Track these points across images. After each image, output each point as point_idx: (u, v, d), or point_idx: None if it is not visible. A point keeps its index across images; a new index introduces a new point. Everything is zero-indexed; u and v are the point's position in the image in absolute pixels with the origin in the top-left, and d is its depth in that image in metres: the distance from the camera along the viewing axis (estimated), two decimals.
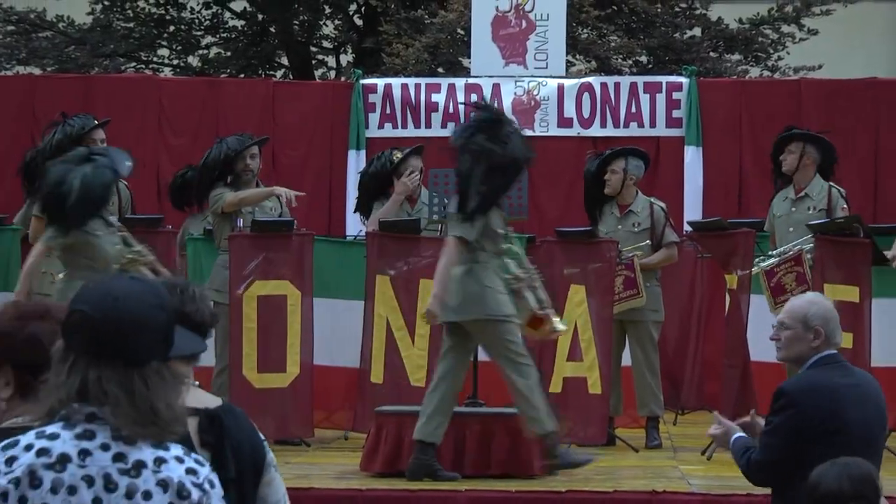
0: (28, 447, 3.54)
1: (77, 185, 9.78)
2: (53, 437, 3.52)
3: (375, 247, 11.59)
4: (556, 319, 10.14)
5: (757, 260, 11.40)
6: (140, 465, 3.55)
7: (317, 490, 9.46)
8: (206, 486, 3.62)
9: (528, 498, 9.35)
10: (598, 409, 11.20)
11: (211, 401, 4.46)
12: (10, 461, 3.53)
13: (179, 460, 3.61)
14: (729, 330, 11.61)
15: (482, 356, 10.79)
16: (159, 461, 3.57)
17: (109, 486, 3.54)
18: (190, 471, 3.61)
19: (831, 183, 11.65)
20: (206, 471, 3.64)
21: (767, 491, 8.65)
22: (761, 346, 11.19)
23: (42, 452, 3.51)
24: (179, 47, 20.28)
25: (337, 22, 20.25)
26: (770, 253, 11.50)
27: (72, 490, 3.53)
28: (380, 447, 9.94)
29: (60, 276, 10.11)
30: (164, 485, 3.56)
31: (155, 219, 11.90)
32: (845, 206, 11.60)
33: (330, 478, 9.88)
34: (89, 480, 3.52)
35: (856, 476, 5.72)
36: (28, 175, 12.44)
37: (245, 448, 4.45)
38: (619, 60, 18.47)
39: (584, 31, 18.13)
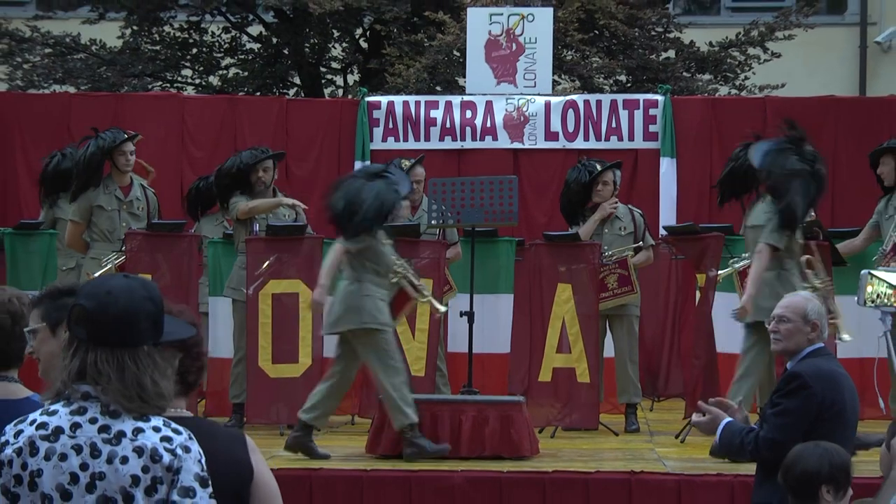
0: (32, 422, 3.86)
1: (371, 198, 9.79)
2: (52, 413, 3.85)
3: None
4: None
5: (731, 261, 11.42)
6: (120, 435, 3.82)
7: (326, 470, 9.46)
8: (179, 451, 3.86)
9: (518, 478, 9.34)
10: (588, 396, 11.19)
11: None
12: (18, 434, 3.87)
13: (156, 430, 3.87)
14: (696, 324, 11.61)
15: (477, 348, 10.79)
16: (137, 431, 3.83)
17: (94, 453, 3.80)
18: (164, 438, 3.86)
19: None
20: (181, 438, 3.89)
21: (737, 471, 8.69)
22: (727, 339, 11.20)
23: (41, 426, 3.83)
24: (201, 68, 20.25)
25: (344, 45, 20.23)
26: (743, 255, 11.51)
27: (62, 457, 3.81)
28: (383, 431, 9.94)
29: (345, 281, 10.04)
30: (139, 451, 3.82)
31: (178, 223, 11.89)
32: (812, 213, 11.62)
33: (338, 459, 9.87)
34: (77, 449, 3.81)
35: (836, 462, 5.88)
36: (48, 181, 12.47)
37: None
38: (601, 80, 18.47)
39: (569, 52, 18.11)
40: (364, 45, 19.85)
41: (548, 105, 14.31)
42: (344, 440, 10.76)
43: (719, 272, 11.34)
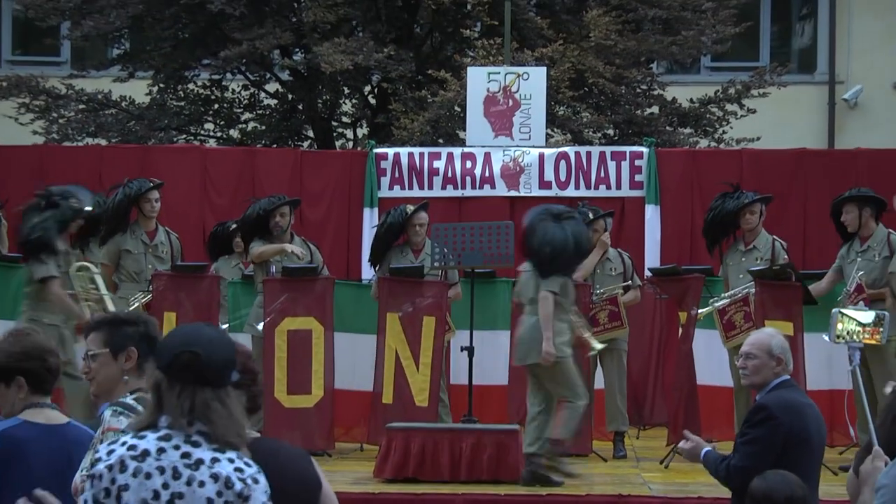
0: (123, 443, 4.04)
1: (571, 239, 9.91)
2: (142, 437, 4.04)
3: (386, 289, 11.60)
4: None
5: (712, 301, 11.45)
6: (200, 462, 4.01)
7: (337, 493, 9.42)
8: (250, 481, 4.05)
9: (514, 500, 9.34)
10: (583, 425, 11.20)
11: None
12: (110, 453, 4.04)
13: (230, 461, 4.05)
14: (679, 358, 11.60)
15: (476, 381, 10.77)
16: (214, 460, 4.02)
17: (175, 475, 3.99)
18: (237, 469, 4.04)
19: (774, 237, 11.72)
20: (252, 471, 4.07)
21: (716, 494, 8.66)
22: (707, 373, 11.20)
23: (131, 447, 4.01)
24: (222, 122, 20.27)
25: (354, 101, 20.26)
26: (723, 295, 11.54)
27: (147, 476, 3.99)
28: (390, 457, 9.93)
29: (531, 317, 10.04)
30: (215, 477, 4.01)
31: (201, 265, 11.91)
32: (786, 256, 11.65)
33: (348, 483, 9.84)
34: (161, 470, 3.99)
35: (797, 492, 5.79)
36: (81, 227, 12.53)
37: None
38: (590, 133, 18.48)
39: (561, 108, 18.14)
40: (372, 101, 19.88)
41: (541, 156, 14.34)
42: (354, 465, 10.74)
43: (700, 311, 11.36)
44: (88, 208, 11.10)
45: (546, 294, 9.92)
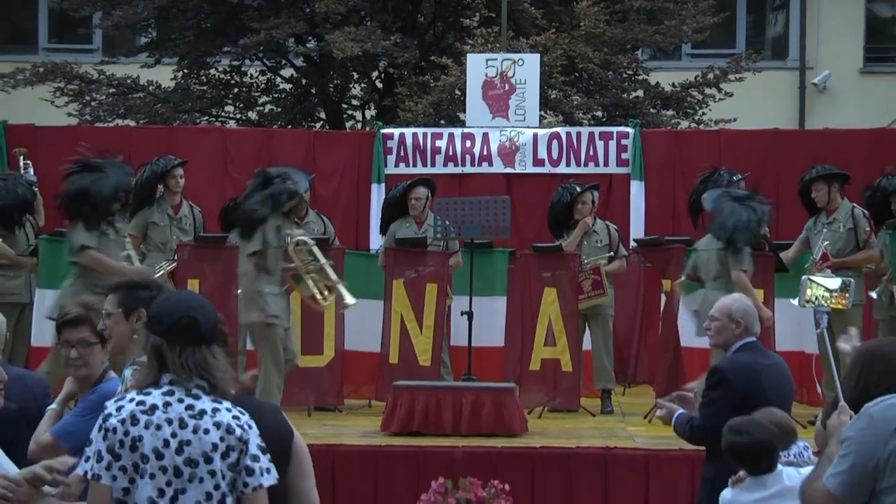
0: (132, 400, 4.21)
1: (755, 216, 10.15)
2: (147, 393, 4.21)
3: (392, 258, 11.59)
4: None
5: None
6: (202, 412, 4.19)
7: (346, 445, 9.46)
8: (246, 427, 4.23)
9: (511, 452, 9.33)
10: (570, 382, 11.20)
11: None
12: (119, 408, 4.19)
13: (228, 410, 4.25)
14: (664, 321, 11.60)
15: (475, 342, 10.77)
16: (215, 410, 4.20)
17: (182, 425, 4.16)
18: (235, 416, 4.24)
19: None
20: (246, 418, 4.26)
21: (696, 447, 8.66)
22: (689, 335, 11.20)
23: (140, 403, 4.19)
24: (241, 105, 20.24)
25: (362, 85, 20.23)
26: None
27: (157, 427, 4.15)
28: (395, 412, 9.94)
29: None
30: (217, 425, 4.18)
31: (222, 237, 11.88)
32: (766, 228, 11.64)
33: (357, 436, 9.88)
34: (169, 421, 4.15)
35: (779, 421, 6.03)
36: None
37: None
38: (580, 115, 18.44)
39: (553, 92, 18.09)
40: (379, 85, 19.83)
41: (535, 136, 14.30)
42: (363, 420, 10.75)
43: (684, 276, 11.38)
44: (304, 189, 10.94)
45: (739, 273, 10.05)
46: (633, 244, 12.66)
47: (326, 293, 10.43)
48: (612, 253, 11.88)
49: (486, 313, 11.42)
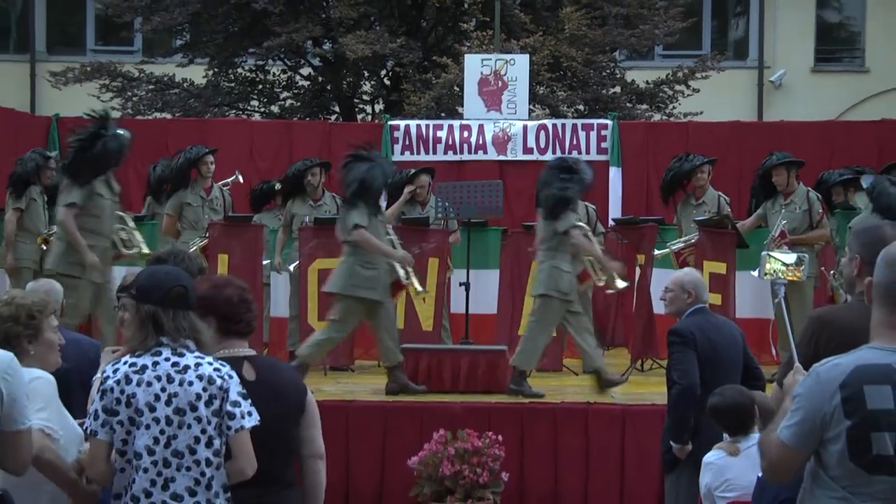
0: (125, 363, 4.32)
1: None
2: (138, 355, 4.33)
3: (398, 235, 11.53)
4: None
5: (670, 243, 11.45)
6: (186, 367, 4.28)
7: (358, 401, 9.43)
8: (227, 377, 4.31)
9: (503, 407, 9.31)
10: (554, 345, 11.16)
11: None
12: (115, 371, 4.29)
13: (210, 363, 4.33)
14: (638, 292, 11.55)
15: (472, 310, 10.73)
16: (197, 364, 4.29)
17: (169, 380, 4.25)
18: (216, 369, 4.31)
19: (720, 193, 11.72)
20: (226, 370, 4.32)
21: (664, 403, 8.62)
22: (660, 304, 11.14)
23: (132, 365, 4.30)
24: (265, 99, 20.19)
25: (372, 83, 20.17)
26: (678, 240, 11.54)
27: (148, 384, 4.25)
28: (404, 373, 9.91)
29: None
30: (200, 377, 4.27)
31: (248, 216, 11.85)
32: (728, 209, 11.65)
33: (368, 393, 9.83)
34: (158, 378, 4.26)
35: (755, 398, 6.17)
36: (151, 185, 12.45)
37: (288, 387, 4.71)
38: (565, 108, 18.38)
39: (541, 88, 18.02)
40: (387, 82, 19.77)
41: (525, 128, 14.23)
42: (372, 379, 10.69)
43: (659, 252, 11.36)
44: (589, 179, 10.44)
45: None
46: (611, 223, 12.61)
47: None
48: (591, 231, 11.80)
49: (481, 284, 11.41)
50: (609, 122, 14.41)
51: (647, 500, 8.88)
